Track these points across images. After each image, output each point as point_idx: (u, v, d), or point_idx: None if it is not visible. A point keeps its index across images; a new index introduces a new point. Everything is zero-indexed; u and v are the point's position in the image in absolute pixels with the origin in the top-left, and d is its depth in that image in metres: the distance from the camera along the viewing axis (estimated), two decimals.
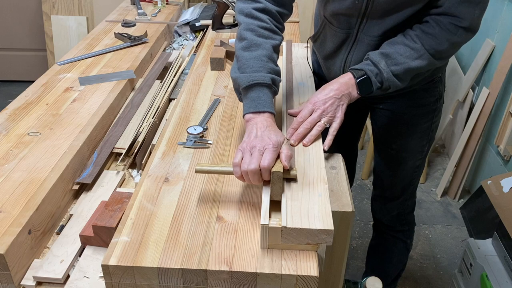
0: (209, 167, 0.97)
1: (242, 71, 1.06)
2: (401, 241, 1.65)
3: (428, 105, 1.35)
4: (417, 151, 1.42)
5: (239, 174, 0.92)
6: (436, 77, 1.32)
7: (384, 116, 1.39)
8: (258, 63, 1.05)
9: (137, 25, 2.02)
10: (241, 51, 1.08)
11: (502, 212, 1.62)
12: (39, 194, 1.01)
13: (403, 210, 1.59)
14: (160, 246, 0.86)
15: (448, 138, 2.90)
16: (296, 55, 1.53)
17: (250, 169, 0.90)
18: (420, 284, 2.06)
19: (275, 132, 0.97)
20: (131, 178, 1.22)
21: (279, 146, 0.94)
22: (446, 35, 1.10)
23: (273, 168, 0.89)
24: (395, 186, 1.52)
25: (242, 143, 0.96)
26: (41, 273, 0.92)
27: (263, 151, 0.92)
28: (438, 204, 2.54)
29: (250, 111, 1.02)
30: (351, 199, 1.02)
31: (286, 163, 0.91)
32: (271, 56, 1.08)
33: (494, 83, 2.28)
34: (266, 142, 0.93)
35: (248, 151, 0.93)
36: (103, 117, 1.34)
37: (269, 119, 1.00)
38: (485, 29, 2.49)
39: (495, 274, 1.58)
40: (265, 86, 1.03)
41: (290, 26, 2.03)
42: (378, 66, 1.10)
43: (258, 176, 0.91)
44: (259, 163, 0.90)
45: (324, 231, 0.83)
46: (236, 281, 0.82)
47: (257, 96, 1.03)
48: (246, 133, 0.99)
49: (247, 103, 1.04)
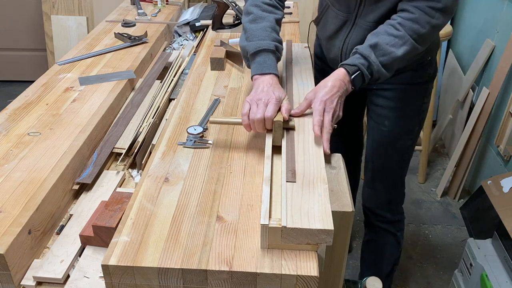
0: (222, 119, 1.18)
1: (249, 40, 1.21)
2: (391, 234, 1.68)
3: (419, 84, 1.43)
4: (409, 129, 1.49)
5: (246, 122, 1.08)
6: (426, 60, 1.40)
7: (379, 96, 1.46)
8: (263, 33, 1.21)
9: (137, 25, 2.02)
10: (248, 23, 1.24)
11: (502, 212, 1.62)
12: (39, 194, 1.01)
13: (393, 198, 1.64)
14: (160, 246, 0.86)
15: (448, 138, 2.90)
16: (296, 55, 1.53)
17: (256, 118, 1.06)
18: (420, 284, 2.06)
19: (278, 89, 1.13)
20: (131, 178, 1.22)
21: (281, 101, 1.10)
22: (425, 18, 1.16)
23: (275, 118, 1.06)
24: (385, 168, 1.56)
25: (249, 95, 1.12)
26: (41, 273, 0.92)
27: (267, 103, 1.08)
28: (438, 204, 2.54)
29: (258, 73, 1.17)
30: (351, 199, 1.02)
31: (286, 115, 1.08)
32: (274, 28, 1.24)
33: (494, 83, 2.28)
34: (270, 96, 1.09)
35: (254, 103, 1.09)
36: (103, 117, 1.33)
37: (273, 79, 1.15)
38: (485, 29, 2.49)
39: (495, 274, 1.58)
40: (270, 51, 1.19)
41: (290, 26, 2.03)
42: (369, 59, 1.16)
43: (263, 124, 1.07)
44: (264, 113, 1.06)
45: (324, 231, 0.83)
46: (236, 281, 0.82)
47: (263, 60, 1.18)
48: (254, 88, 1.15)
49: (254, 66, 1.19)
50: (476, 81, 2.54)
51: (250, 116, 1.07)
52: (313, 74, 1.42)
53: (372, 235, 1.73)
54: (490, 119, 2.36)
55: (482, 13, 2.54)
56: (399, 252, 1.73)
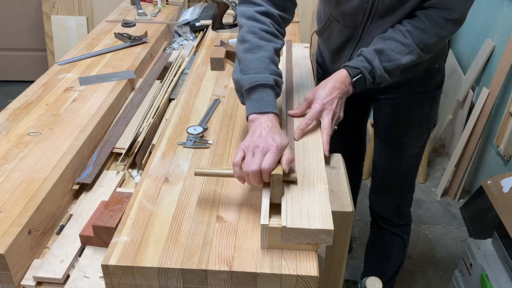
0: (209, 170, 0.96)
1: (244, 72, 1.05)
2: (398, 236, 1.66)
3: (427, 92, 1.41)
4: (417, 138, 1.47)
5: (238, 174, 0.91)
6: (434, 68, 1.37)
7: (386, 105, 1.44)
8: (260, 64, 1.04)
9: (137, 25, 2.02)
10: (243, 53, 1.07)
11: (502, 212, 1.62)
12: (39, 194, 1.01)
13: (401, 204, 1.62)
14: (160, 246, 0.86)
15: (448, 138, 2.90)
16: (296, 55, 1.53)
17: (251, 170, 0.89)
18: (420, 284, 2.06)
19: (280, 134, 0.96)
20: (131, 178, 1.22)
21: (283, 149, 0.92)
22: (435, 29, 1.13)
23: (273, 171, 0.88)
24: (394, 175, 1.55)
25: (245, 141, 0.95)
26: (41, 273, 0.92)
27: (265, 152, 0.91)
28: (438, 204, 2.54)
29: (254, 112, 1.01)
30: (351, 199, 1.02)
31: (285, 167, 0.90)
32: (273, 59, 1.08)
33: (494, 83, 2.28)
34: (270, 143, 0.92)
35: (250, 151, 0.92)
36: (103, 117, 1.33)
37: (273, 120, 0.99)
38: (485, 29, 2.49)
39: (495, 274, 1.58)
40: (268, 87, 1.03)
41: (290, 26, 2.03)
42: (372, 63, 1.13)
43: (259, 178, 0.90)
44: (261, 164, 0.89)
45: (324, 231, 0.83)
46: (236, 281, 0.82)
47: (261, 97, 1.02)
48: (250, 133, 0.98)
49: (250, 104, 1.03)
50: (476, 81, 2.54)
51: (243, 168, 0.90)
52: (313, 75, 1.41)
53: (378, 236, 1.72)
54: (490, 119, 2.36)
55: (482, 13, 2.54)
56: (404, 254, 1.73)
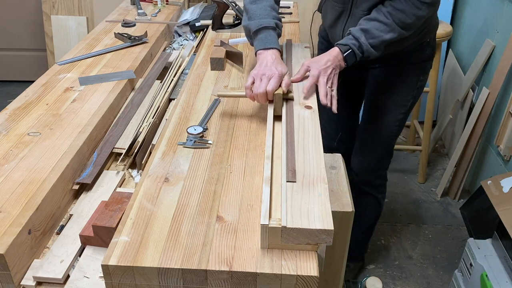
0: (228, 92, 1.33)
1: (251, 19, 1.35)
2: (372, 196, 1.84)
3: (417, 63, 1.58)
4: (402, 104, 1.63)
5: (249, 94, 1.23)
6: (425, 41, 1.54)
7: (379, 71, 1.61)
8: (263, 12, 1.34)
9: (137, 25, 2.02)
10: (249, 4, 1.38)
11: (502, 212, 1.62)
12: (39, 194, 1.01)
13: (379, 166, 1.79)
14: (160, 246, 0.86)
15: (448, 138, 2.90)
16: (296, 55, 1.53)
17: (259, 92, 1.20)
18: (420, 284, 2.06)
19: (281, 64, 1.26)
20: (131, 178, 1.22)
21: (283, 76, 1.23)
22: (413, 10, 1.31)
23: (276, 91, 1.20)
24: (375, 138, 1.71)
25: (254, 70, 1.25)
26: (41, 273, 0.92)
27: (270, 78, 1.21)
28: (438, 204, 2.54)
29: (261, 48, 1.30)
30: (351, 199, 1.02)
31: (285, 89, 1.21)
32: (273, 7, 1.38)
33: (494, 83, 2.28)
34: (273, 71, 1.22)
35: (258, 77, 1.22)
36: (103, 117, 1.33)
37: (275, 54, 1.28)
38: (485, 29, 2.49)
39: (495, 274, 1.58)
40: (271, 28, 1.33)
41: (290, 26, 2.03)
42: (359, 40, 1.32)
43: (265, 97, 1.20)
44: (266, 87, 1.19)
45: (324, 231, 0.83)
46: (236, 281, 0.82)
47: (265, 36, 1.31)
48: (258, 63, 1.27)
49: (257, 42, 1.32)
50: (476, 81, 2.54)
51: (253, 90, 1.21)
52: None
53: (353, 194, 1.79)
54: (490, 119, 2.36)
55: (482, 13, 2.54)
56: (379, 212, 1.90)
